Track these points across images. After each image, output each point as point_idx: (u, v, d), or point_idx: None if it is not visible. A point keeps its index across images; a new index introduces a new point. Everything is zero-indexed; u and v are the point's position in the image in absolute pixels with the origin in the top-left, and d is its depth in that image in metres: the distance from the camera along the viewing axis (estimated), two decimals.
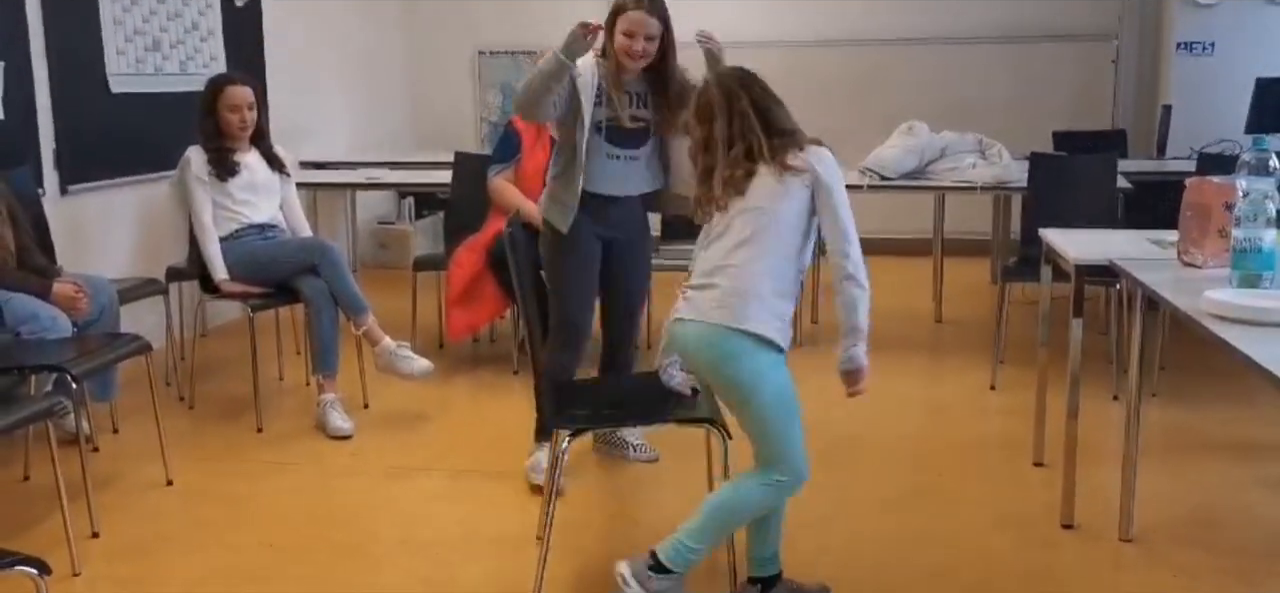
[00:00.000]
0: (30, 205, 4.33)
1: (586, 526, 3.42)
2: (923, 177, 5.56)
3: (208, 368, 5.07)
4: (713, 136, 2.68)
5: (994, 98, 7.66)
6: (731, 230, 2.63)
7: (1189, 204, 3.06)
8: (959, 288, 6.48)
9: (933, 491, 3.71)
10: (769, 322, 2.60)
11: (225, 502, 3.69)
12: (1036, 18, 7.72)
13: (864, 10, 7.88)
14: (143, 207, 5.51)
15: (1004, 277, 4.99)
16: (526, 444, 3.75)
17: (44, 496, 3.52)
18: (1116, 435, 3.82)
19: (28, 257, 4.01)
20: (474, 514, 3.56)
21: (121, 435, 4.29)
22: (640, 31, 3.42)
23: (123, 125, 5.33)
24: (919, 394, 4.79)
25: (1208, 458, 4.01)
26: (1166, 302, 2.69)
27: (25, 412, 3.10)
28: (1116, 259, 3.15)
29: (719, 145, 2.67)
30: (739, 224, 2.62)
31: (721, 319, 2.59)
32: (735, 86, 2.71)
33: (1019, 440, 4.00)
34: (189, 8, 5.80)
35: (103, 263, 4.91)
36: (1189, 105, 6.82)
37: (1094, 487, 3.50)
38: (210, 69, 5.77)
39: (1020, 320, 5.51)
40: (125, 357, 3.78)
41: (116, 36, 5.30)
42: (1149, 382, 4.33)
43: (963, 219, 6.59)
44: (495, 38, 8.32)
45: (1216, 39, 7.10)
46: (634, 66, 3.46)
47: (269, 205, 4.59)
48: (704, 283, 2.66)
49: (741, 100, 2.67)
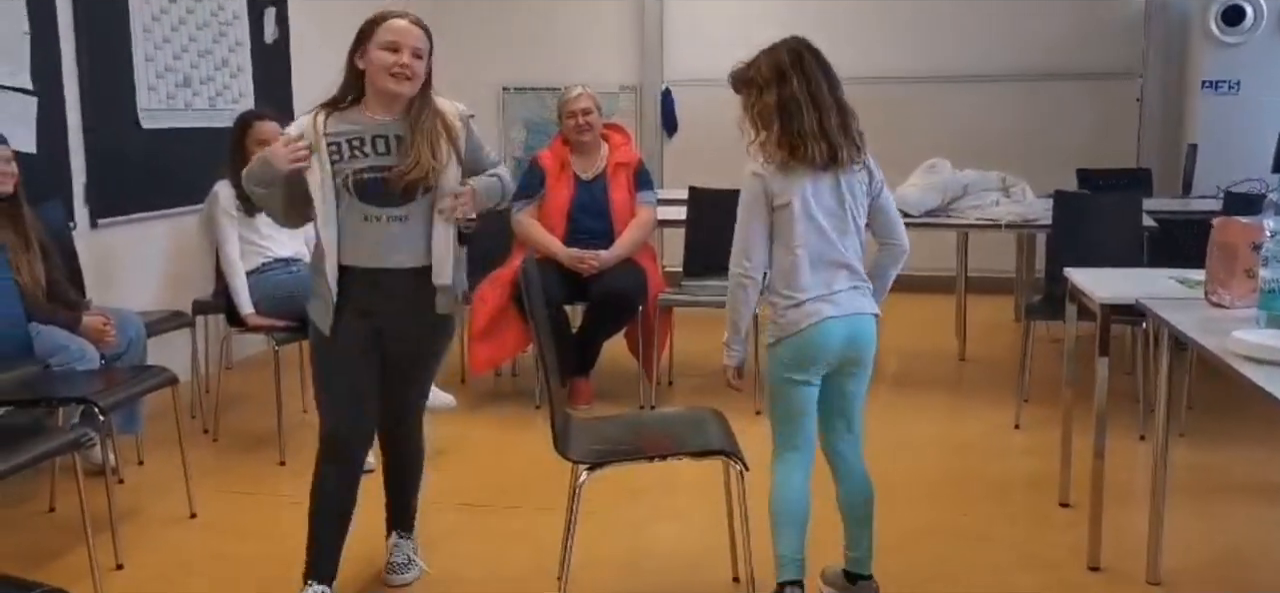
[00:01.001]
0: (61, 238, 4.39)
1: (606, 562, 3.41)
2: (946, 214, 5.55)
3: (232, 401, 5.10)
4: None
5: (1017, 136, 7.65)
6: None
7: (1216, 244, 3.04)
8: (982, 326, 6.45)
9: (957, 530, 3.68)
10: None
11: (248, 535, 3.70)
12: (1060, 56, 7.72)
13: (888, 48, 7.90)
14: (171, 240, 5.57)
15: (1028, 315, 4.96)
16: (549, 481, 3.75)
17: (69, 527, 3.55)
18: (1143, 476, 3.79)
19: (57, 290, 4.06)
20: (494, 551, 3.56)
21: (146, 467, 4.32)
22: (407, 43, 2.84)
23: (153, 160, 5.40)
24: (943, 432, 4.76)
25: (1236, 500, 3.96)
26: (1194, 342, 2.67)
27: (53, 444, 3.12)
28: (1143, 299, 3.13)
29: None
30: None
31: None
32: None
33: (1044, 480, 3.96)
34: (219, 45, 5.89)
35: (130, 295, 4.96)
36: (1214, 144, 6.78)
37: (1121, 528, 3.46)
38: (239, 105, 5.85)
39: (1044, 359, 5.47)
40: (152, 389, 3.81)
41: (148, 73, 5.38)
42: (1176, 422, 4.28)
43: (986, 257, 6.57)
44: (519, 74, 8.39)
45: (1242, 78, 7.07)
46: (399, 91, 2.84)
47: (294, 240, 4.63)
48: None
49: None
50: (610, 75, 8.16)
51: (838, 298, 2.82)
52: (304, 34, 6.57)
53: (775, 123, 2.76)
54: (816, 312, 2.80)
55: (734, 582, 3.26)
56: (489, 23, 8.42)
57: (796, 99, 2.75)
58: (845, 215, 2.83)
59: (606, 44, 8.36)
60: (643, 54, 8.30)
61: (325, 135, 2.86)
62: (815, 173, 2.78)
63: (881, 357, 6.18)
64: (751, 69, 2.83)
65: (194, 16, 5.68)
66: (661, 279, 5.26)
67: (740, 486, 2.85)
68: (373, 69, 2.84)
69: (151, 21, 5.39)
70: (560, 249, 4.95)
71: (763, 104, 2.78)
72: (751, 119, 2.82)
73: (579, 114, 5.01)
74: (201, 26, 5.75)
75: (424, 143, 2.85)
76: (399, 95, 2.85)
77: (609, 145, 5.16)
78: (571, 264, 4.92)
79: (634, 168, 5.16)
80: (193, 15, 5.67)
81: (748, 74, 2.83)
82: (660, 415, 4.45)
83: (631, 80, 8.35)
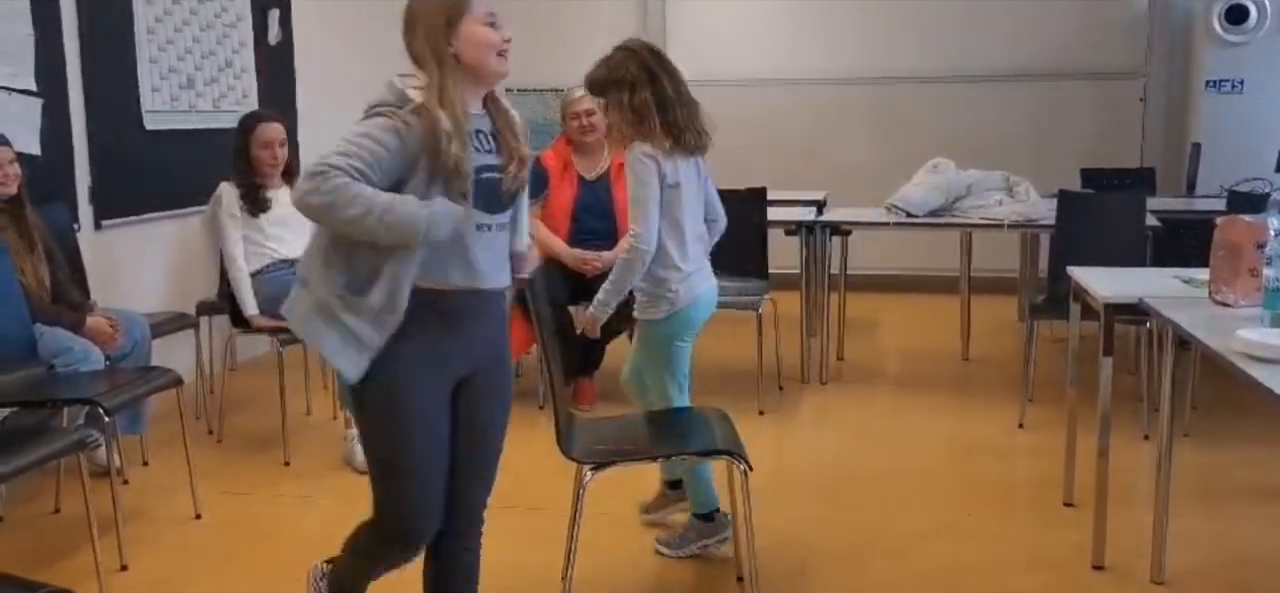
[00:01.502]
0: (65, 240, 4.40)
1: (610, 562, 3.42)
2: (949, 214, 5.55)
3: (236, 402, 5.11)
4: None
5: (1021, 135, 7.64)
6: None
7: (1220, 243, 3.04)
8: (986, 326, 6.45)
9: (962, 530, 3.68)
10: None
11: (252, 536, 3.70)
12: (1064, 55, 7.71)
13: (891, 48, 7.90)
14: (175, 242, 5.58)
15: (1032, 314, 4.96)
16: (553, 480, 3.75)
17: (74, 528, 3.56)
18: (1147, 476, 3.79)
19: (62, 291, 4.07)
20: (498, 548, 3.54)
21: (151, 468, 4.32)
22: (501, 16, 2.38)
23: (157, 161, 5.40)
24: (947, 432, 4.76)
25: (1241, 499, 3.96)
26: (1198, 341, 2.67)
27: (58, 445, 3.13)
28: (1147, 298, 3.13)
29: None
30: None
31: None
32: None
33: (1049, 480, 3.96)
34: (223, 47, 5.90)
35: (134, 297, 4.96)
36: (1218, 143, 6.78)
37: (1125, 528, 3.46)
38: (243, 106, 5.86)
39: (1048, 358, 5.47)
40: (156, 390, 3.81)
41: (152, 75, 5.39)
42: (1180, 422, 4.28)
43: (990, 256, 6.56)
44: (521, 75, 8.30)
45: (1245, 77, 7.07)
46: (504, 71, 2.39)
47: (299, 241, 4.59)
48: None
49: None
50: None
51: (706, 270, 3.35)
52: (307, 36, 6.58)
53: (654, 115, 3.13)
54: (700, 283, 3.29)
55: (738, 582, 3.26)
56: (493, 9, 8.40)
57: (668, 94, 3.16)
58: (700, 196, 3.32)
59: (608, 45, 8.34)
60: None
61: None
62: (688, 158, 3.23)
63: (885, 357, 6.22)
64: (618, 70, 3.17)
65: (198, 18, 5.69)
66: None
67: (744, 485, 2.85)
68: (477, 48, 2.32)
69: (155, 23, 5.39)
70: (564, 249, 4.95)
71: (640, 100, 3.13)
72: (626, 115, 3.16)
73: (582, 115, 5.02)
74: (205, 28, 5.75)
75: (516, 138, 2.45)
76: (502, 77, 2.40)
77: None
78: (575, 265, 4.92)
79: None
80: (196, 17, 5.68)
81: (616, 75, 3.17)
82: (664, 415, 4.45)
83: None
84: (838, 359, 5.79)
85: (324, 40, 6.76)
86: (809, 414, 5.08)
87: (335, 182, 2.18)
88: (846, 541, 3.56)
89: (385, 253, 2.23)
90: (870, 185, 6.24)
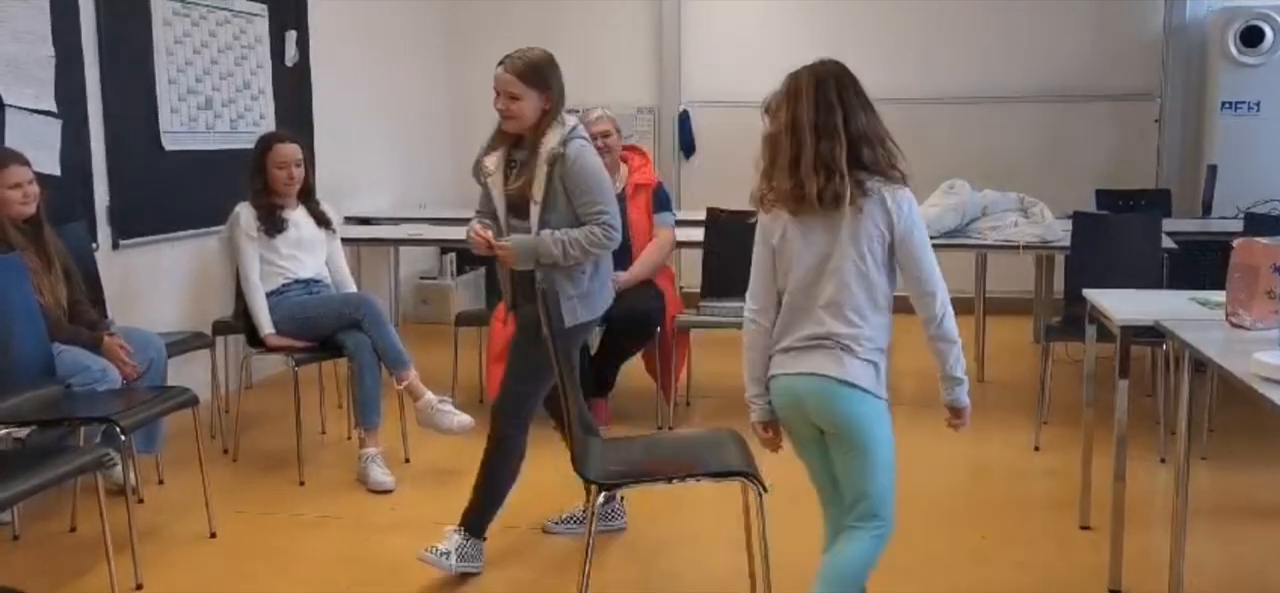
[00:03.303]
0: (83, 259, 4.42)
1: (624, 583, 3.41)
2: (964, 235, 5.54)
3: (252, 421, 5.12)
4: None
5: (1036, 157, 7.64)
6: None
7: (1236, 265, 3.03)
8: (1001, 347, 6.43)
9: (978, 552, 3.66)
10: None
11: (267, 555, 3.71)
12: (1079, 77, 7.71)
13: (906, 69, 7.90)
14: (192, 261, 5.61)
15: (1047, 336, 4.94)
16: (567, 501, 3.75)
17: (90, 546, 3.57)
18: (1164, 499, 3.77)
19: (79, 310, 4.09)
20: (514, 570, 3.56)
21: (166, 487, 4.34)
22: (499, 89, 3.46)
23: (174, 182, 5.44)
24: (962, 454, 4.74)
25: (1259, 523, 3.93)
26: (1215, 364, 2.66)
27: (75, 463, 3.15)
28: (1163, 320, 3.12)
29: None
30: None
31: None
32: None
33: (1064, 502, 3.94)
34: (241, 68, 5.94)
35: (151, 316, 4.99)
36: (1234, 165, 6.76)
37: (1142, 551, 3.44)
38: (260, 127, 5.90)
39: (1064, 380, 5.45)
40: (173, 409, 3.82)
41: (170, 96, 5.43)
42: (1197, 444, 4.25)
43: (1005, 278, 6.55)
44: None
45: (1262, 98, 7.05)
46: (506, 127, 3.52)
47: (315, 261, 4.67)
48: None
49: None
50: (628, 97, 8.19)
51: (793, 353, 2.54)
52: (324, 57, 6.63)
53: (764, 158, 2.56)
54: (776, 364, 2.59)
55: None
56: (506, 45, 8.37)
57: (780, 135, 2.52)
58: (827, 261, 2.51)
59: (624, 66, 8.39)
60: (660, 76, 8.33)
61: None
62: (796, 214, 2.51)
63: (899, 378, 6.21)
64: (767, 100, 2.63)
65: (216, 40, 5.74)
66: (679, 301, 5.26)
67: (759, 507, 2.85)
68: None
69: (174, 45, 5.44)
70: None
71: (765, 135, 2.58)
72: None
73: (599, 136, 5.01)
74: (223, 50, 5.80)
75: (528, 168, 3.42)
76: (509, 129, 3.49)
77: (628, 167, 5.17)
78: None
79: (652, 189, 5.17)
80: (215, 38, 5.73)
81: (766, 102, 2.64)
82: (678, 437, 4.46)
83: (649, 102, 8.38)
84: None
85: (341, 62, 6.81)
86: None
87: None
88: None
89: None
90: None
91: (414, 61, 7.94)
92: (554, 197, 3.38)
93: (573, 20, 8.36)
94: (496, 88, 3.44)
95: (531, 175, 3.39)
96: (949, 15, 7.83)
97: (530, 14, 8.31)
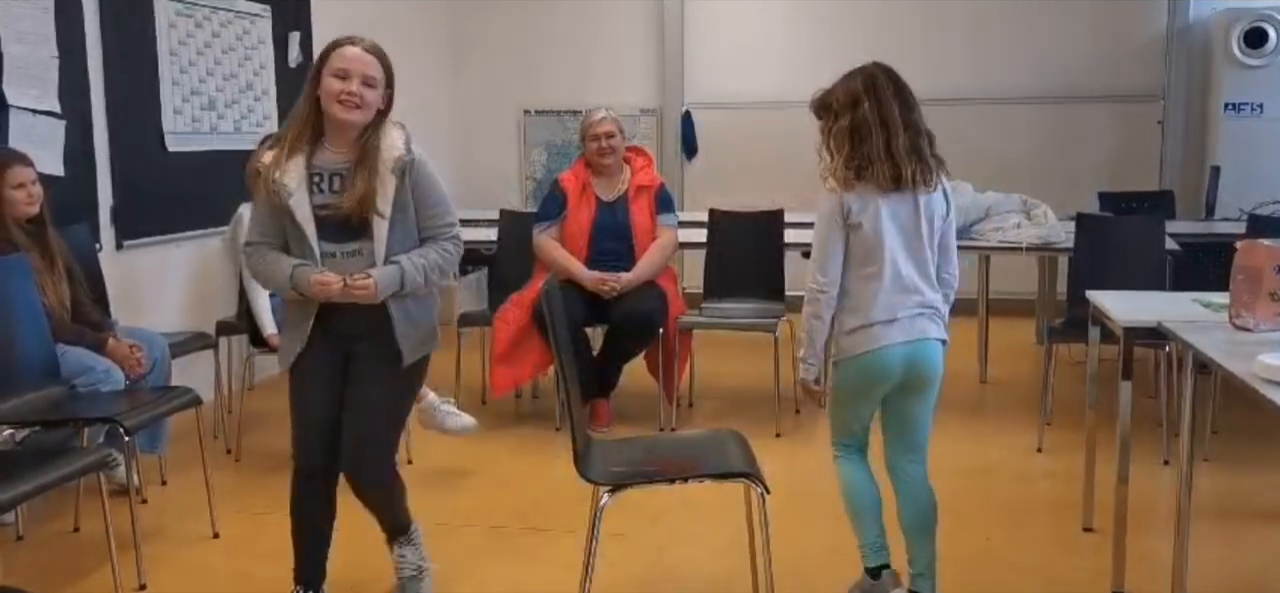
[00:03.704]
0: (87, 260, 4.43)
1: (626, 585, 3.41)
2: (967, 236, 5.54)
3: (255, 421, 5.13)
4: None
5: (1039, 158, 7.64)
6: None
7: (1240, 267, 3.03)
8: (1004, 348, 6.42)
9: (981, 554, 3.66)
10: None
11: (270, 555, 3.71)
12: (1082, 78, 7.70)
13: (909, 70, 7.82)
14: (195, 262, 5.62)
15: (1050, 337, 4.94)
16: (569, 502, 3.75)
17: (93, 547, 3.58)
18: (1167, 501, 3.76)
19: (82, 311, 4.10)
20: (517, 571, 3.56)
21: (169, 487, 4.34)
22: (356, 70, 2.83)
23: (178, 183, 5.45)
24: (964, 455, 4.74)
25: (1262, 525, 3.93)
26: (1219, 365, 2.66)
27: (78, 464, 3.15)
28: (1166, 321, 3.11)
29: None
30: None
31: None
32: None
33: (1067, 504, 3.94)
34: (244, 69, 5.95)
35: (154, 316, 5.00)
36: (1238, 166, 6.75)
37: (1145, 554, 3.43)
38: (263, 128, 5.91)
39: (1066, 381, 5.44)
40: (176, 410, 3.83)
41: (174, 97, 5.44)
42: (1201, 446, 4.25)
43: (1007, 279, 6.54)
44: (540, 97, 8.44)
45: (1264, 100, 7.04)
46: (347, 118, 2.83)
47: None
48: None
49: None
50: (630, 98, 8.19)
51: (902, 322, 2.90)
52: None
53: (846, 146, 2.87)
54: (880, 335, 2.89)
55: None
56: (509, 46, 8.48)
57: (867, 123, 2.86)
58: (919, 238, 2.92)
59: (626, 67, 8.39)
60: (663, 77, 8.33)
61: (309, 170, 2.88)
62: (887, 194, 2.87)
63: None
64: (830, 96, 2.93)
65: (220, 41, 5.75)
66: (681, 301, 5.27)
67: (761, 508, 2.85)
68: (325, 97, 2.82)
69: (178, 45, 5.45)
70: (582, 271, 4.96)
71: (838, 129, 2.89)
72: (827, 143, 2.93)
73: (602, 137, 5.04)
74: (227, 51, 5.81)
75: (364, 177, 2.83)
76: (347, 123, 2.84)
77: (631, 168, 5.18)
78: (593, 286, 4.94)
79: (655, 191, 5.18)
80: (218, 39, 5.74)
81: (826, 101, 2.94)
82: (680, 438, 4.46)
83: (651, 103, 8.38)
84: None
85: None
86: (826, 437, 5.04)
87: (249, 259, 3.02)
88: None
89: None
90: None
91: (417, 63, 7.94)
92: (402, 210, 2.90)
93: (576, 22, 8.37)
94: (347, 68, 2.82)
95: (370, 186, 2.83)
96: (952, 17, 7.83)
97: (534, 16, 8.32)
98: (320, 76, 2.82)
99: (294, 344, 2.97)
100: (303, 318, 2.94)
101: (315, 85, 2.84)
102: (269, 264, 2.94)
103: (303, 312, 2.94)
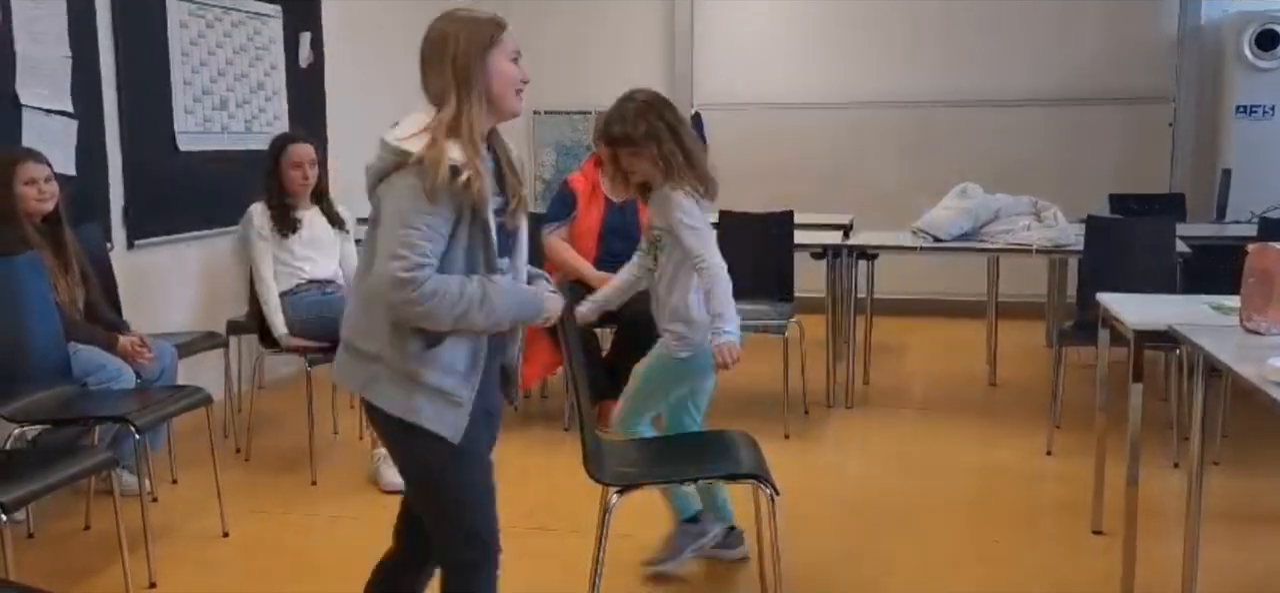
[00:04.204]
0: (98, 260, 4.45)
1: (635, 585, 3.41)
2: (977, 239, 5.53)
3: (264, 421, 5.14)
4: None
5: (1049, 160, 7.62)
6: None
7: (1252, 270, 3.02)
8: (1014, 351, 6.41)
9: (990, 557, 3.66)
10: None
11: (280, 554, 3.73)
12: (1093, 80, 7.68)
13: (919, 72, 7.90)
14: (206, 261, 5.63)
15: (1060, 340, 4.93)
16: (578, 502, 3.75)
17: (104, 545, 3.59)
18: (1178, 504, 3.75)
19: (95, 310, 4.12)
20: (525, 569, 3.56)
21: (180, 486, 4.36)
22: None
23: (189, 182, 5.47)
24: (974, 458, 4.73)
25: (1273, 528, 3.91)
26: (1229, 368, 2.65)
27: (88, 462, 3.16)
28: (1177, 324, 3.11)
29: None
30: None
31: None
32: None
33: (1077, 507, 3.93)
34: (255, 69, 5.97)
35: (165, 316, 5.01)
36: (1249, 169, 6.72)
37: (1155, 557, 3.42)
38: (274, 128, 5.92)
39: (1076, 384, 5.43)
40: (188, 408, 3.83)
41: (185, 96, 5.46)
42: (1211, 449, 4.23)
43: (1017, 282, 6.53)
44: (551, 98, 8.44)
45: (1276, 103, 7.02)
46: (518, 108, 2.35)
47: (329, 262, 4.68)
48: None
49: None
50: None
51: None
52: (338, 58, 6.65)
53: (686, 167, 3.21)
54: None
55: None
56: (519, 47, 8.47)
57: (693, 148, 3.26)
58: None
59: (636, 69, 8.38)
60: (673, 78, 8.33)
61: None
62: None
63: (911, 381, 6.19)
64: (639, 125, 3.20)
65: (231, 40, 5.77)
66: None
67: (770, 509, 2.85)
68: (501, 83, 2.28)
69: (190, 45, 5.47)
70: (591, 272, 4.96)
71: (668, 149, 3.19)
72: (658, 165, 3.20)
73: None
74: (238, 51, 5.83)
75: (514, 176, 2.37)
76: (515, 116, 2.36)
77: None
78: (601, 287, 4.93)
79: None
80: (230, 40, 5.76)
81: (639, 129, 3.20)
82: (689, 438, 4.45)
83: None
84: (864, 383, 5.77)
85: (355, 63, 6.83)
86: (835, 439, 5.06)
87: (427, 287, 2.11)
88: (872, 566, 3.54)
89: None
90: (897, 209, 6.24)
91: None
92: None
93: (585, 23, 8.38)
94: (519, 51, 2.37)
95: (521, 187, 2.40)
96: (962, 19, 7.82)
97: (543, 16, 8.33)
98: (487, 58, 2.27)
99: (473, 402, 2.29)
100: (481, 361, 2.29)
101: (476, 69, 2.27)
102: (480, 290, 2.18)
103: (480, 353, 2.28)
